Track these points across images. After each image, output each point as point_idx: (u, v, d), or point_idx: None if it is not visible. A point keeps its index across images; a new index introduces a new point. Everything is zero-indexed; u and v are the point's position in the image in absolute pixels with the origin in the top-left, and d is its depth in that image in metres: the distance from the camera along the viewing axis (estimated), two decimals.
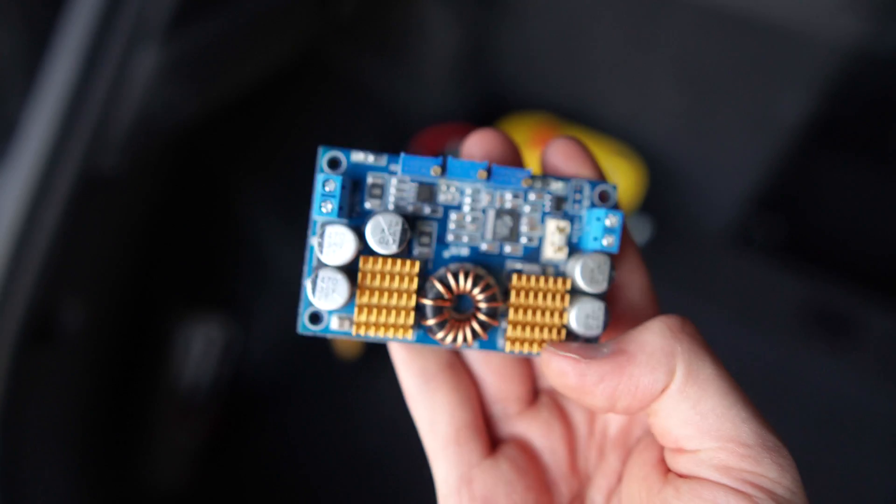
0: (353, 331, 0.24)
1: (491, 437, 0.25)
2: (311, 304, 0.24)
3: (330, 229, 0.23)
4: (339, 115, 0.93)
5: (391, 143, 0.92)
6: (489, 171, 0.24)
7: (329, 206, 0.23)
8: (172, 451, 0.81)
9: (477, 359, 0.26)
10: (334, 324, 0.24)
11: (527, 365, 0.26)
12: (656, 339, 0.21)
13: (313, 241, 0.24)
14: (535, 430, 0.25)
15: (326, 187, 0.23)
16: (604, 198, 0.25)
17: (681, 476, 0.21)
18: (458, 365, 0.25)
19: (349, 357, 0.90)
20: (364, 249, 0.23)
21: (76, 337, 0.55)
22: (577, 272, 0.24)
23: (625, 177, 0.88)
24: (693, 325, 0.21)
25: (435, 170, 0.24)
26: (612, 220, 0.24)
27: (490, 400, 0.26)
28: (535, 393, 0.26)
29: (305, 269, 0.24)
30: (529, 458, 0.25)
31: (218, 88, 0.57)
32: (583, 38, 0.88)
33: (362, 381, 0.90)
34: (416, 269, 0.24)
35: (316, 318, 0.24)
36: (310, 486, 0.85)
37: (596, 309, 0.24)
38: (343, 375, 0.90)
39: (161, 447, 0.80)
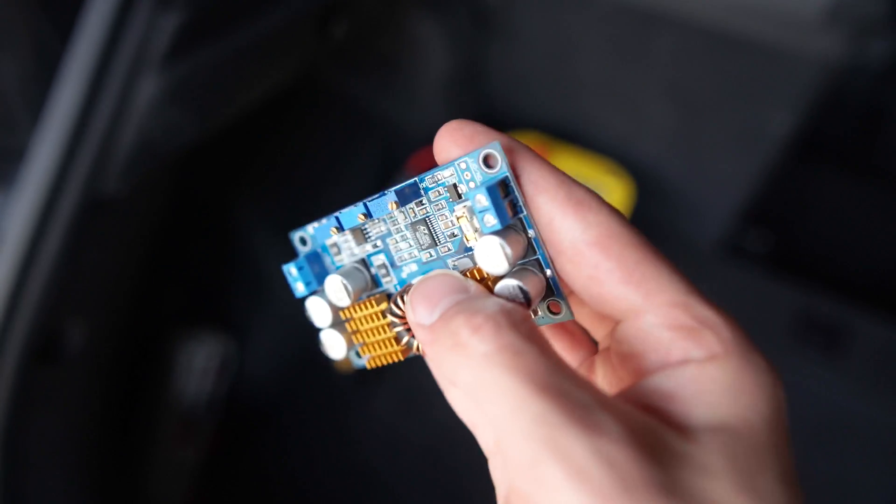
0: (369, 365, 0.28)
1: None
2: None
3: (309, 304, 0.27)
4: (335, 135, 0.95)
5: (386, 162, 0.94)
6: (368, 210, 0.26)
7: (301, 288, 0.27)
8: (172, 467, 0.81)
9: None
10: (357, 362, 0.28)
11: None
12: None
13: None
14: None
15: (291, 273, 0.27)
16: (489, 164, 0.23)
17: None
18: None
19: (346, 371, 0.91)
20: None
21: (79, 357, 0.56)
22: (479, 262, 0.23)
23: (615, 193, 0.89)
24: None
25: (360, 217, 0.26)
26: (479, 201, 0.22)
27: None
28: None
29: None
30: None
31: (217, 113, 0.58)
32: (573, 59, 0.90)
33: (358, 395, 0.91)
34: (381, 305, 0.26)
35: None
36: (307, 500, 0.85)
37: (511, 285, 0.23)
38: (339, 390, 0.91)
39: (161, 463, 0.80)
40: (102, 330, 0.60)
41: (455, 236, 0.25)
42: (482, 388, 0.19)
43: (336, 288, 0.26)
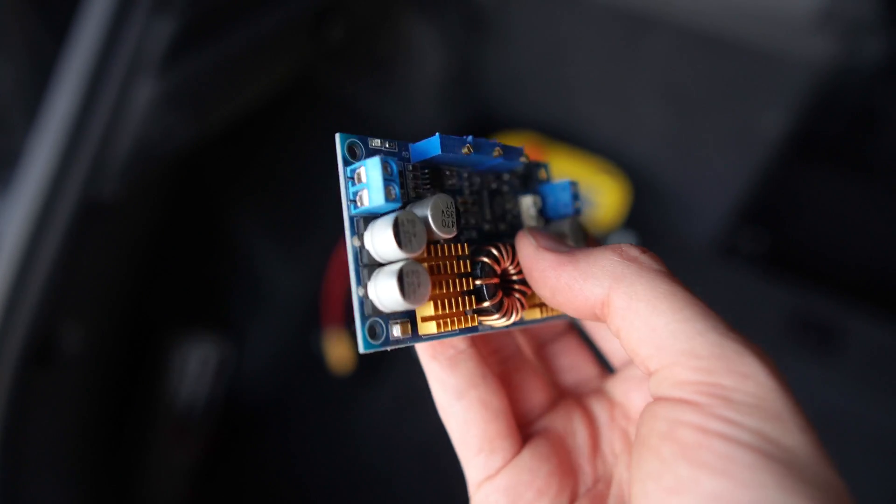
0: (422, 330, 0.23)
1: (520, 439, 0.26)
2: (367, 318, 0.22)
3: (404, 215, 0.21)
4: (331, 137, 0.94)
5: None
6: (472, 145, 0.25)
7: (392, 194, 0.21)
8: (169, 469, 0.81)
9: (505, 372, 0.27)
10: (395, 332, 0.22)
11: (543, 374, 0.28)
12: (603, 254, 0.22)
13: (355, 241, 0.22)
14: (557, 421, 0.26)
15: (385, 170, 0.21)
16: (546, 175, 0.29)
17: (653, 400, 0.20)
18: (488, 378, 0.26)
19: (342, 372, 0.91)
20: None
21: (75, 359, 0.56)
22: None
23: (610, 193, 0.90)
24: (654, 256, 0.22)
25: (468, 148, 0.24)
26: (537, 201, 0.28)
27: (522, 406, 0.27)
28: (559, 396, 0.28)
29: (353, 277, 0.22)
30: (552, 446, 0.25)
31: (214, 115, 0.59)
32: (567, 59, 0.90)
33: (356, 395, 0.91)
34: (467, 250, 0.24)
35: (374, 332, 0.22)
36: (305, 501, 0.85)
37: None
38: (336, 391, 0.91)
39: (158, 465, 0.80)
40: (98, 332, 0.60)
41: (514, 217, 0.28)
42: (660, 298, 0.20)
43: (448, 209, 0.23)
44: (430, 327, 0.22)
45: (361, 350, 0.21)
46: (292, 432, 0.89)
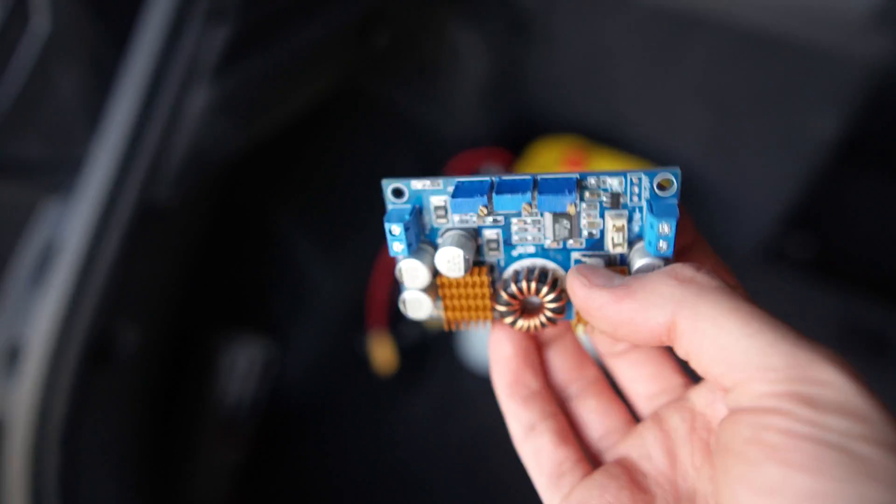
0: (445, 326, 0.28)
1: (590, 464, 0.27)
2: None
3: (404, 264, 0.26)
4: (375, 142, 0.96)
5: (425, 168, 0.94)
6: (535, 192, 0.24)
7: (399, 247, 0.25)
8: (215, 468, 0.83)
9: (578, 401, 0.29)
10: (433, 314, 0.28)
11: (619, 399, 0.29)
12: (659, 280, 0.22)
13: (397, 271, 0.27)
14: (630, 444, 0.26)
15: (393, 232, 0.25)
16: (663, 187, 0.25)
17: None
18: (559, 413, 0.28)
19: (385, 374, 0.91)
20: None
21: (130, 360, 0.58)
22: (634, 269, 0.25)
23: None
24: (708, 271, 0.22)
25: (482, 210, 0.25)
26: (664, 228, 0.23)
27: (592, 438, 0.28)
28: (634, 418, 0.28)
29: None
30: (624, 467, 0.26)
31: (264, 122, 0.60)
32: (610, 63, 0.89)
33: (398, 397, 0.92)
34: (485, 278, 0.26)
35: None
36: (346, 502, 0.86)
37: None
38: (379, 392, 0.92)
39: (203, 464, 0.82)
40: (152, 333, 0.62)
41: (592, 236, 0.26)
42: (724, 315, 0.20)
43: (453, 260, 0.26)
44: (449, 324, 0.28)
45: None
46: (335, 433, 0.90)
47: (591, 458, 0.27)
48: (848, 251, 0.92)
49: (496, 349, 0.28)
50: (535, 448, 0.27)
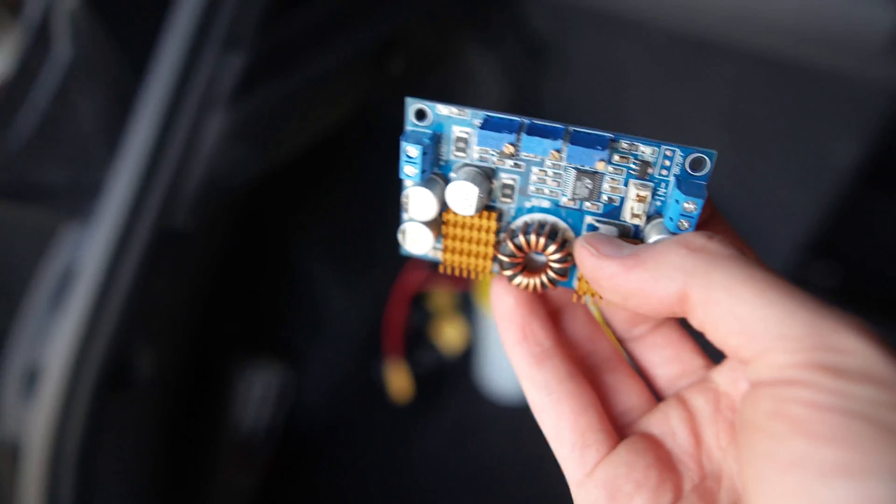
0: (441, 268, 0.27)
1: (614, 435, 0.26)
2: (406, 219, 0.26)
3: (413, 192, 0.25)
4: (393, 167, 0.96)
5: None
6: (566, 142, 0.24)
7: (412, 171, 0.24)
8: (230, 492, 0.83)
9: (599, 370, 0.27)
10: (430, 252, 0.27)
11: (638, 376, 0.28)
12: (669, 249, 0.21)
13: (404, 196, 0.26)
14: (654, 420, 0.25)
15: (409, 153, 0.24)
16: (696, 166, 0.24)
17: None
18: (578, 375, 0.26)
19: (401, 400, 0.91)
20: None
21: (146, 384, 0.58)
22: (649, 239, 0.24)
23: None
24: (722, 240, 0.21)
25: (507, 148, 0.24)
26: (690, 206, 0.23)
27: (612, 413, 0.26)
28: (656, 397, 0.27)
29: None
30: (648, 444, 0.25)
31: (279, 148, 0.60)
32: (626, 88, 0.89)
33: (414, 424, 0.91)
34: (494, 223, 0.25)
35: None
36: None
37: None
38: (395, 419, 0.91)
39: (219, 489, 0.82)
40: (168, 358, 0.62)
41: (611, 202, 0.25)
42: (739, 284, 0.19)
43: (467, 195, 0.24)
44: (446, 266, 0.27)
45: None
46: (351, 458, 0.89)
47: (614, 429, 0.26)
48: (873, 277, 0.90)
49: (498, 301, 0.27)
50: (556, 415, 0.25)
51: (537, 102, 0.96)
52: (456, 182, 0.24)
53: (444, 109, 0.24)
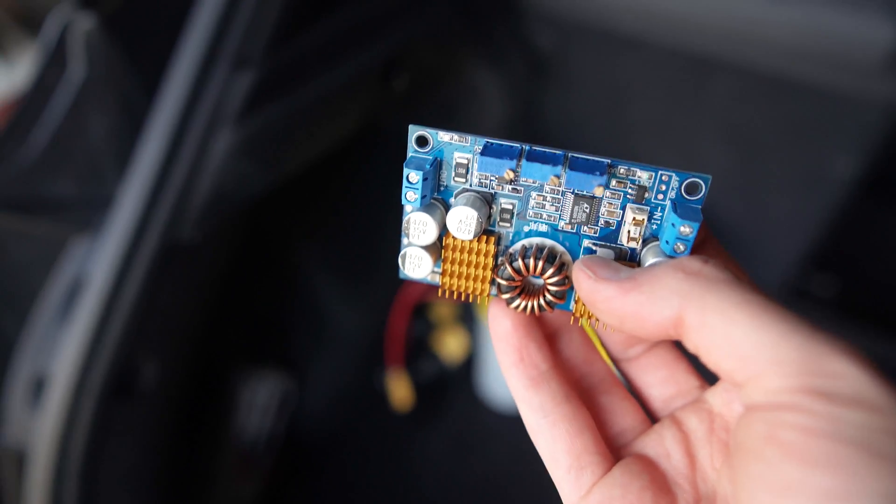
0: (439, 292, 0.27)
1: (610, 458, 0.26)
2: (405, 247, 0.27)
3: (414, 216, 0.25)
4: (396, 181, 0.96)
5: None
6: (565, 168, 0.24)
7: (412, 197, 0.24)
8: (232, 500, 0.83)
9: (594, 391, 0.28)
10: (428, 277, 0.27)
11: (633, 398, 0.28)
12: (665, 273, 0.21)
13: (405, 221, 0.26)
14: (649, 442, 0.26)
15: (410, 179, 0.24)
16: (691, 191, 0.24)
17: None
18: (574, 398, 0.26)
19: (403, 410, 0.92)
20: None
21: (150, 394, 0.59)
22: (646, 263, 0.25)
23: None
24: (717, 264, 0.21)
25: (508, 174, 0.24)
26: (686, 229, 0.23)
27: (607, 434, 0.27)
28: (650, 418, 0.27)
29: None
30: (644, 465, 0.25)
31: (285, 164, 0.61)
32: (628, 103, 0.90)
33: (416, 433, 0.92)
34: (492, 247, 0.26)
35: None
36: None
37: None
38: (396, 428, 0.92)
39: (222, 496, 0.82)
40: (172, 368, 0.63)
41: (608, 226, 0.25)
42: (733, 308, 0.20)
43: (466, 220, 0.25)
44: (444, 289, 0.27)
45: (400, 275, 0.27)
46: (353, 468, 0.90)
47: (609, 450, 0.26)
48: (871, 290, 0.91)
49: (496, 324, 0.27)
50: (552, 437, 0.25)
51: (540, 118, 0.97)
52: (456, 207, 0.25)
53: (445, 136, 0.25)
